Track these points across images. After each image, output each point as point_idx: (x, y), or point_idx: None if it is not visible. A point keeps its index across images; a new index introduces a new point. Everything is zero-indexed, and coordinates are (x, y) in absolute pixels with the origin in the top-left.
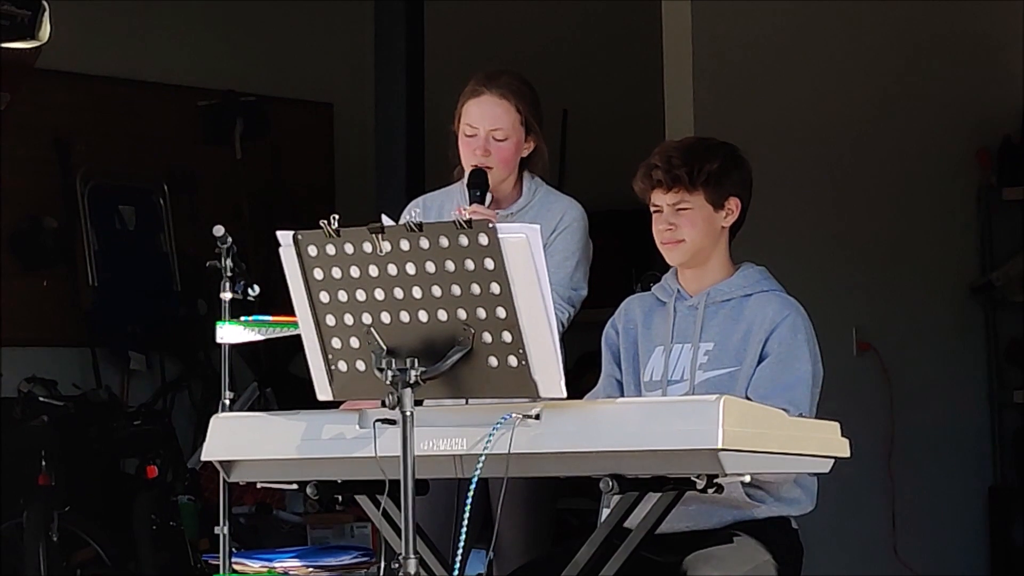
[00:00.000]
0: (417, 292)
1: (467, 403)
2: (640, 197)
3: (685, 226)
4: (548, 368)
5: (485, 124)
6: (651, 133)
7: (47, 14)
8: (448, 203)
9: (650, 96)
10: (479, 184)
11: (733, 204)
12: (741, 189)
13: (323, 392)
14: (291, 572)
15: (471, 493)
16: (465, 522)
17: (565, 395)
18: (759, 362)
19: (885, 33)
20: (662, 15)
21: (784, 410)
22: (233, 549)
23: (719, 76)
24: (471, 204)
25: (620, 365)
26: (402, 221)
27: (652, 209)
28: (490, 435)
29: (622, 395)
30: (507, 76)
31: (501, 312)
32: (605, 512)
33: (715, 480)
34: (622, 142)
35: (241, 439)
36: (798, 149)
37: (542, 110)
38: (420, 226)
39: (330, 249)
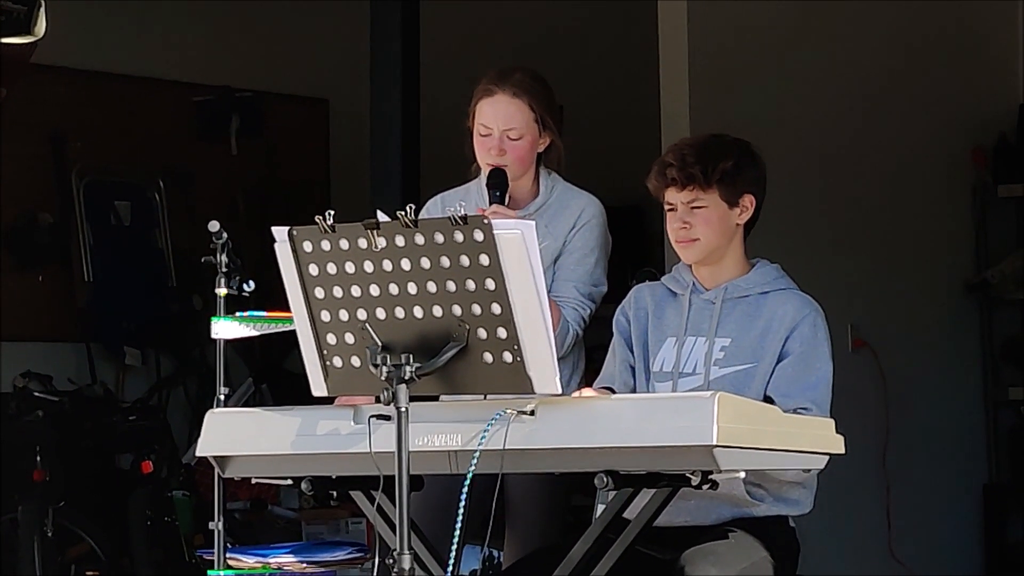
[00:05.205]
0: (412, 288)
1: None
2: (654, 195)
3: (700, 224)
4: (543, 364)
5: (499, 124)
6: (647, 130)
7: (43, 9)
8: (466, 201)
9: (646, 92)
10: (498, 184)
11: (748, 201)
12: (755, 186)
13: (318, 388)
14: (285, 568)
15: (465, 489)
16: (460, 518)
17: (560, 391)
18: (779, 360)
19: (880, 31)
20: (658, 11)
21: (806, 408)
22: (228, 544)
23: (714, 73)
24: (491, 204)
25: (633, 351)
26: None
27: (666, 207)
28: (485, 431)
29: (635, 382)
30: (519, 73)
31: (496, 308)
32: (600, 508)
33: (710, 476)
34: (618, 138)
35: (236, 435)
36: (793, 146)
37: (556, 105)
38: (415, 222)
39: (325, 245)
